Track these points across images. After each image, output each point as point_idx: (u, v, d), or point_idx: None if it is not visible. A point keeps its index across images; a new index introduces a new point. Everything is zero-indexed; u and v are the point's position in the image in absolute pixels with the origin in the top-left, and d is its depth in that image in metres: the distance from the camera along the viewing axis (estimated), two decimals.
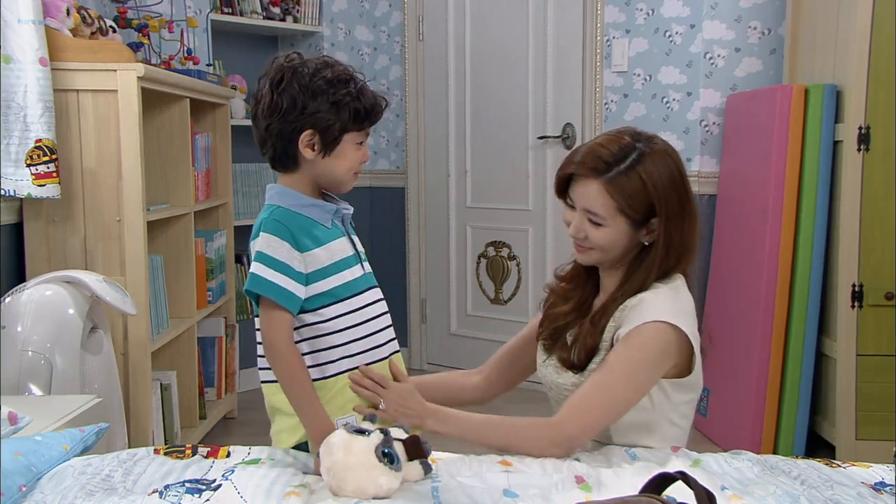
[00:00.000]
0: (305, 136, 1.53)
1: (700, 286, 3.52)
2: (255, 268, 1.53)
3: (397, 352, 1.66)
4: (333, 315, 1.57)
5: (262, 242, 1.54)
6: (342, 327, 1.58)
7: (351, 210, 1.65)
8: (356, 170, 1.59)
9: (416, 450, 1.41)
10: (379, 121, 1.59)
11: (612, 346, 1.54)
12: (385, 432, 1.40)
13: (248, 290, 1.54)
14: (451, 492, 1.37)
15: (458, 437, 1.54)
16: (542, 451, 1.46)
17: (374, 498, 1.34)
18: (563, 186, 1.61)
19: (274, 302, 1.52)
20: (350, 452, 1.35)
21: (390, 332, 1.66)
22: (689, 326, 1.53)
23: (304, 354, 1.58)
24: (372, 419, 1.49)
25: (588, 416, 1.48)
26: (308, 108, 1.51)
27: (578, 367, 1.59)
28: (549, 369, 1.67)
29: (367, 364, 1.60)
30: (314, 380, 1.57)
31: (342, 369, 1.59)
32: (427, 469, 1.43)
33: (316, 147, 1.54)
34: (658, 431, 1.55)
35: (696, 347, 1.54)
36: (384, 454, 1.35)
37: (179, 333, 3.03)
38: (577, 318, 1.66)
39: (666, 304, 1.52)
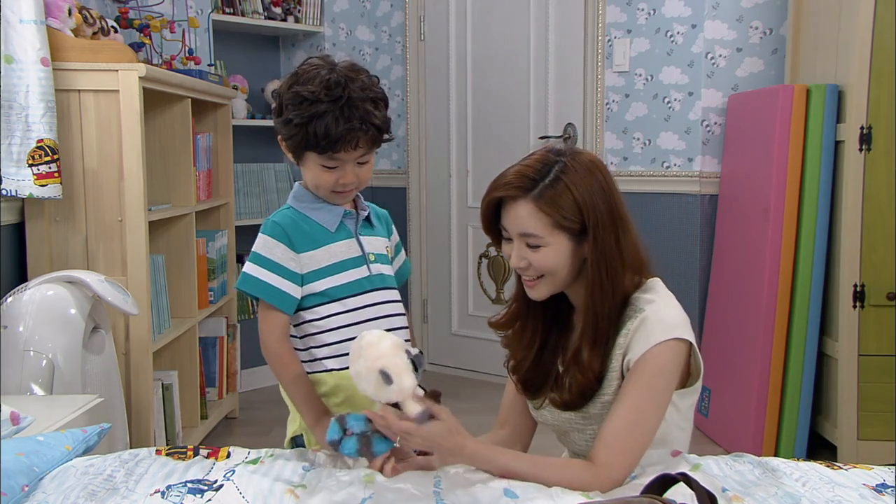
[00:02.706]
0: (280, 141, 1.61)
1: (701, 286, 3.52)
2: (248, 267, 1.60)
3: None
4: (327, 314, 1.62)
5: (258, 243, 1.61)
6: (335, 326, 1.62)
7: (366, 212, 1.70)
8: (329, 188, 1.60)
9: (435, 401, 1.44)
10: (348, 150, 1.54)
11: (621, 372, 1.49)
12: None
13: (237, 288, 1.62)
14: (452, 491, 1.37)
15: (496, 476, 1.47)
16: (587, 492, 1.40)
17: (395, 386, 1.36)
18: (493, 217, 1.55)
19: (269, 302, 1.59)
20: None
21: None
22: (690, 333, 1.50)
23: (304, 350, 1.64)
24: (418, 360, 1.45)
25: (629, 455, 1.44)
26: (281, 115, 1.57)
27: (580, 405, 1.53)
28: (545, 412, 1.61)
29: None
30: (310, 373, 1.63)
31: (333, 367, 1.63)
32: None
33: (290, 153, 1.61)
34: (668, 440, 1.54)
35: (699, 354, 1.52)
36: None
37: (181, 333, 3.03)
38: (553, 351, 1.60)
39: (668, 319, 1.48)
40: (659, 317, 1.47)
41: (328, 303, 1.61)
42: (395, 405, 1.41)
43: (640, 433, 1.45)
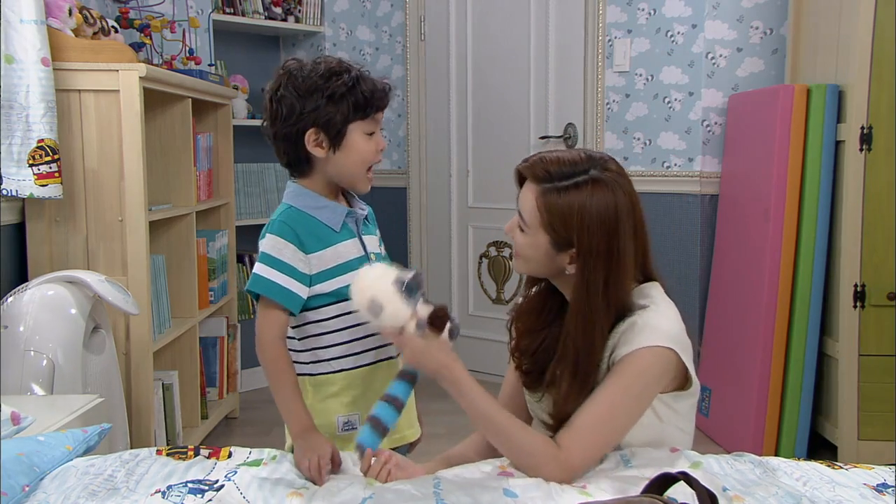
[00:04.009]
0: (310, 136, 1.55)
1: (701, 286, 3.52)
2: (259, 268, 1.57)
3: (399, 355, 1.66)
4: (334, 314, 1.61)
5: (267, 244, 1.58)
6: (341, 327, 1.61)
7: (366, 211, 1.69)
8: (371, 161, 1.60)
9: (441, 321, 1.48)
10: (385, 106, 1.59)
11: (608, 368, 1.50)
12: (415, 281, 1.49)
13: (249, 290, 1.59)
14: (452, 492, 1.37)
15: (466, 413, 1.51)
16: (540, 473, 1.42)
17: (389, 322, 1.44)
18: (521, 182, 1.59)
19: (272, 301, 1.56)
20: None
21: None
22: (681, 343, 1.48)
23: (306, 351, 1.62)
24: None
25: (592, 448, 1.45)
26: (306, 107, 1.53)
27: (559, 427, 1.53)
28: (545, 416, 1.60)
29: (364, 366, 1.62)
30: (316, 374, 1.62)
31: (342, 367, 1.62)
32: (455, 333, 1.51)
33: (324, 144, 1.56)
34: (669, 442, 1.54)
35: (689, 364, 1.50)
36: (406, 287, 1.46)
37: (181, 333, 3.03)
38: (552, 344, 1.60)
39: (658, 326, 1.47)
40: (648, 322, 1.47)
41: (335, 303, 1.60)
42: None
43: (607, 430, 1.46)
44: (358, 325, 1.61)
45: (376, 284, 1.45)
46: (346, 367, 1.62)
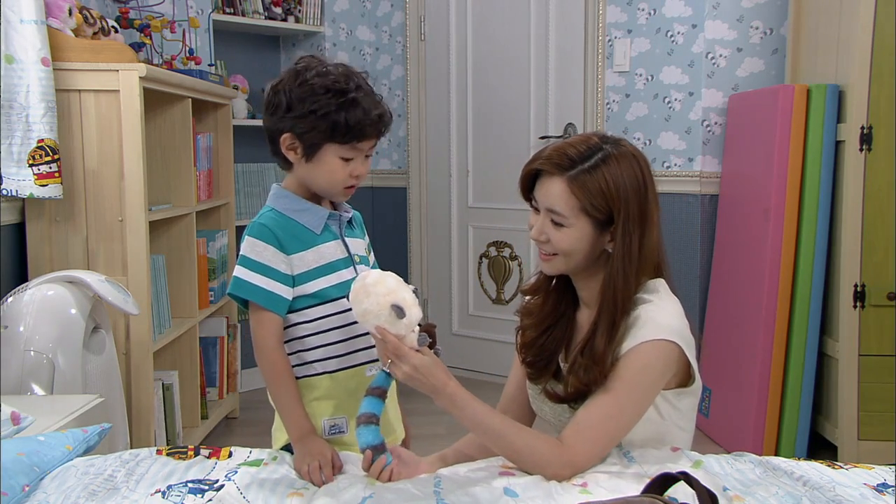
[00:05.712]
0: (286, 139, 1.54)
1: (702, 286, 3.52)
2: (238, 272, 1.56)
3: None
4: (317, 316, 1.59)
5: (246, 247, 1.56)
6: (325, 328, 1.59)
7: (350, 214, 1.66)
8: (343, 184, 1.56)
9: (433, 338, 1.47)
10: (372, 138, 1.54)
11: (612, 362, 1.50)
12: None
13: (231, 294, 1.57)
14: (452, 491, 1.37)
15: (465, 427, 1.51)
16: (545, 472, 1.43)
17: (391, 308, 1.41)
18: (529, 185, 1.57)
19: (262, 305, 1.55)
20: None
21: None
22: (685, 338, 1.50)
23: (290, 353, 1.60)
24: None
25: (597, 444, 1.46)
26: (291, 111, 1.52)
27: (574, 399, 1.54)
28: (546, 408, 1.62)
29: (348, 368, 1.60)
30: (301, 377, 1.60)
31: (326, 369, 1.60)
32: (439, 354, 1.49)
33: (298, 151, 1.55)
34: (668, 440, 1.55)
35: (692, 359, 1.52)
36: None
37: (181, 333, 3.03)
38: (560, 337, 1.62)
39: (660, 320, 1.49)
40: (651, 316, 1.49)
41: (320, 304, 1.58)
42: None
43: (612, 426, 1.46)
44: (343, 326, 1.59)
45: (399, 289, 1.44)
46: (329, 370, 1.60)
